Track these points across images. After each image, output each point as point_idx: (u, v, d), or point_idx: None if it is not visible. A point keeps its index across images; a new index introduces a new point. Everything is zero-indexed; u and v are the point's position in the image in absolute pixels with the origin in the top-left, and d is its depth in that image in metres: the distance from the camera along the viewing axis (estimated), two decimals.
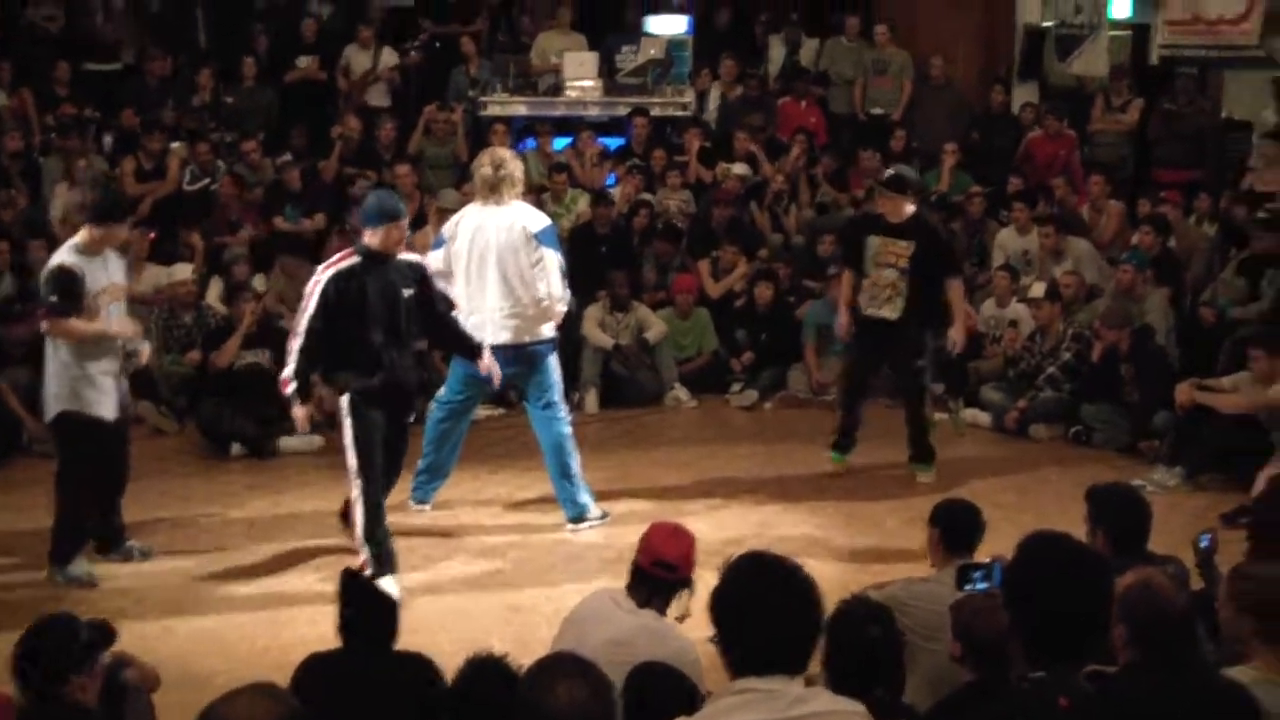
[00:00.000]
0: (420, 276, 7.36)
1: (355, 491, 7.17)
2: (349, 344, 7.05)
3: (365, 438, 7.12)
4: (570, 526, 8.25)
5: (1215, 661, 4.23)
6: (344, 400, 7.11)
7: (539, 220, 8.06)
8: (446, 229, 8.21)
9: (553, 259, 7.95)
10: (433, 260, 7.99)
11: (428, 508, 8.50)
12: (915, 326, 8.96)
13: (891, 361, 9.33)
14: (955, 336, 9.12)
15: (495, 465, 9.52)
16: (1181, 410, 9.11)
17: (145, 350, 7.74)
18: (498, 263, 7.93)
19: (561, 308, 8.11)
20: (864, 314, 8.99)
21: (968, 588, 4.35)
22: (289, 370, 7.07)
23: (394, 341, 7.16)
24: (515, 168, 8.04)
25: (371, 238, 7.14)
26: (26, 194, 12.14)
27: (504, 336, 7.96)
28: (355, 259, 7.10)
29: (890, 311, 8.89)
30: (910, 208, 8.90)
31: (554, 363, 8.24)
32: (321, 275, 7.07)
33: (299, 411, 7.23)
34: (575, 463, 8.27)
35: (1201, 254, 11.52)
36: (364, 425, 7.11)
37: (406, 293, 7.20)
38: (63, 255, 7.32)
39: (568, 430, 8.26)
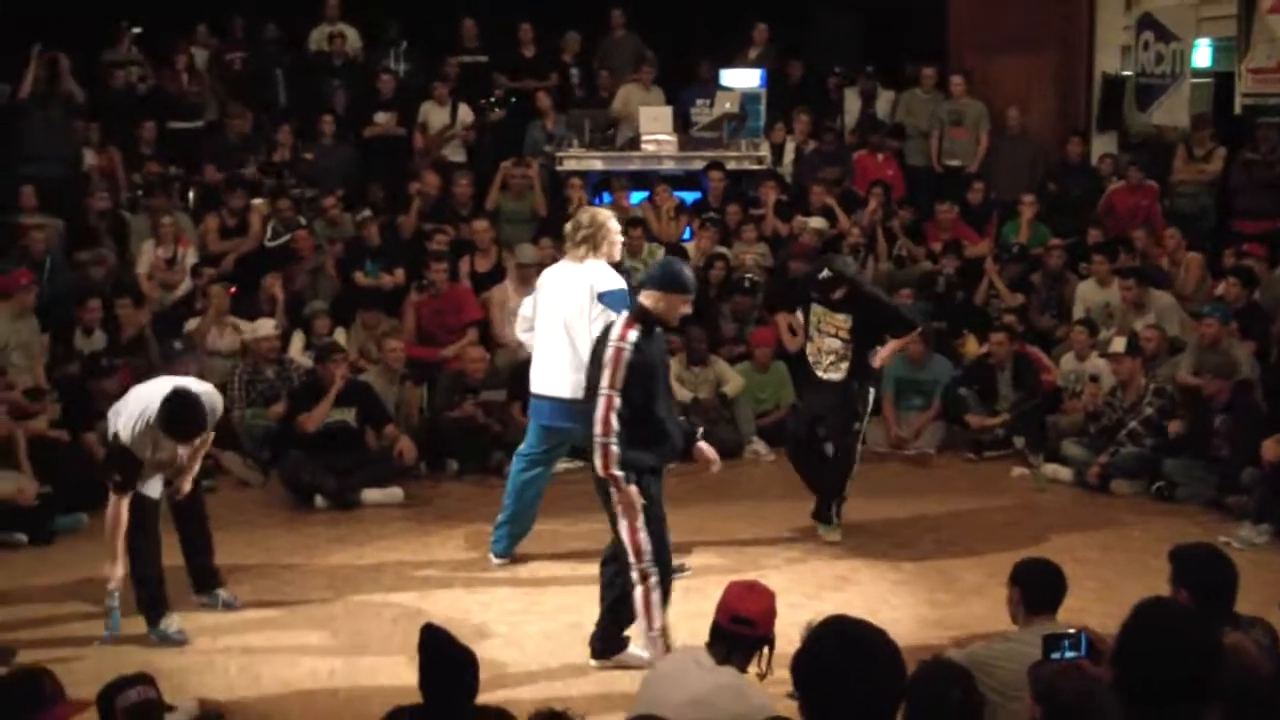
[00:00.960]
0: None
1: (650, 579, 6.60)
2: (642, 416, 6.58)
3: (658, 516, 6.66)
4: None
5: None
6: (626, 476, 6.49)
7: (609, 281, 8.01)
8: (539, 280, 8.35)
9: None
10: (525, 307, 8.22)
11: (507, 561, 8.54)
12: (857, 385, 8.95)
13: (831, 421, 9.16)
14: (882, 353, 9.00)
15: (574, 518, 9.52)
16: (1269, 465, 8.98)
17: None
18: (564, 318, 8.00)
19: None
20: (811, 372, 9.08)
21: (1055, 656, 4.30)
22: (616, 450, 6.45)
23: (669, 414, 6.85)
24: (601, 230, 8.03)
25: (656, 303, 6.63)
26: (115, 252, 12.36)
27: (565, 391, 8.00)
28: (639, 325, 6.57)
29: (835, 374, 8.95)
30: (843, 290, 8.89)
31: None
32: (623, 343, 6.49)
33: (634, 490, 6.52)
34: None
35: None
36: (655, 504, 6.63)
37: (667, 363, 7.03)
38: (130, 428, 7.15)
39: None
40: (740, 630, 5.04)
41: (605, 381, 6.44)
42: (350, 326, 11.77)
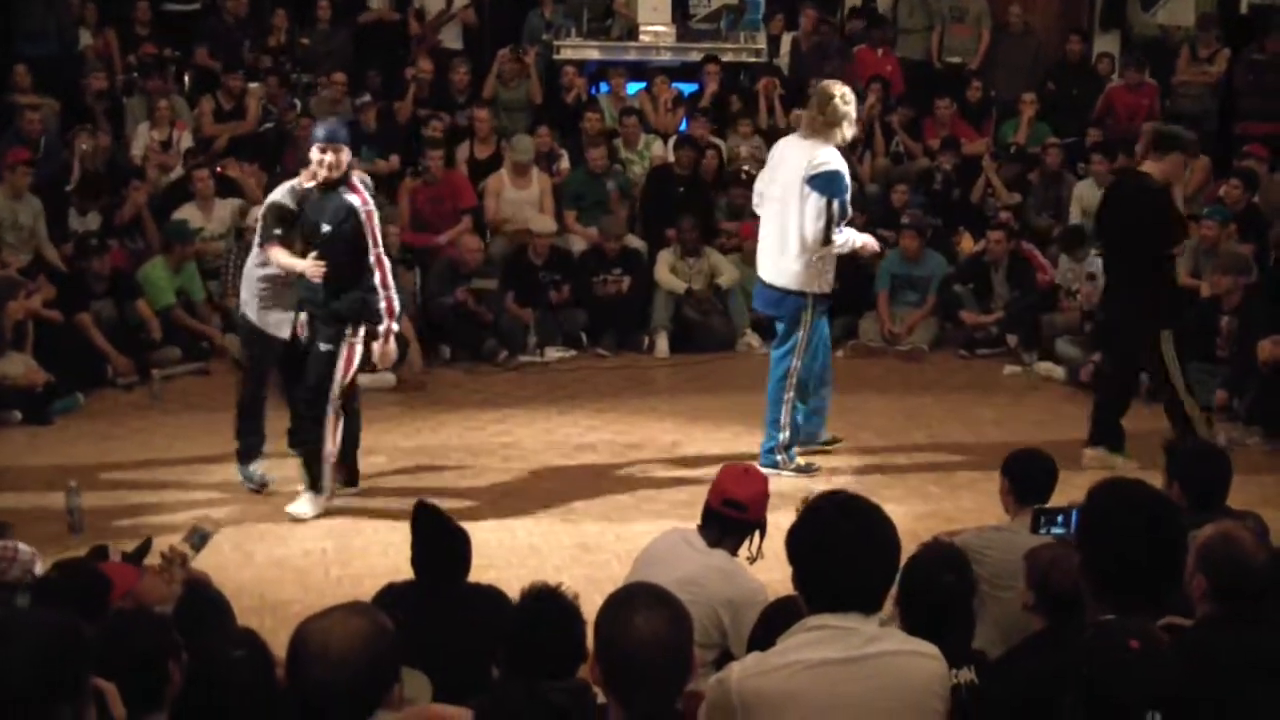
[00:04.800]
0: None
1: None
2: None
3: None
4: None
5: None
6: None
7: (821, 163, 7.82)
8: (772, 153, 8.32)
9: (815, 205, 7.79)
10: (759, 182, 8.27)
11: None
12: None
13: None
14: None
15: (565, 406, 9.60)
16: (1264, 367, 8.96)
17: None
18: (780, 196, 7.97)
19: (823, 251, 7.89)
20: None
21: (1043, 531, 4.33)
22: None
23: None
24: (839, 110, 7.83)
25: None
26: (110, 133, 12.24)
27: (766, 274, 8.10)
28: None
29: None
30: None
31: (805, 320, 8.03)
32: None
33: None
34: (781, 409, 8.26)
35: None
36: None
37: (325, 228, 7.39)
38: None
39: (786, 376, 8.17)
40: (732, 514, 5.05)
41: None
42: None
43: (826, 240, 7.81)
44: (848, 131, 7.96)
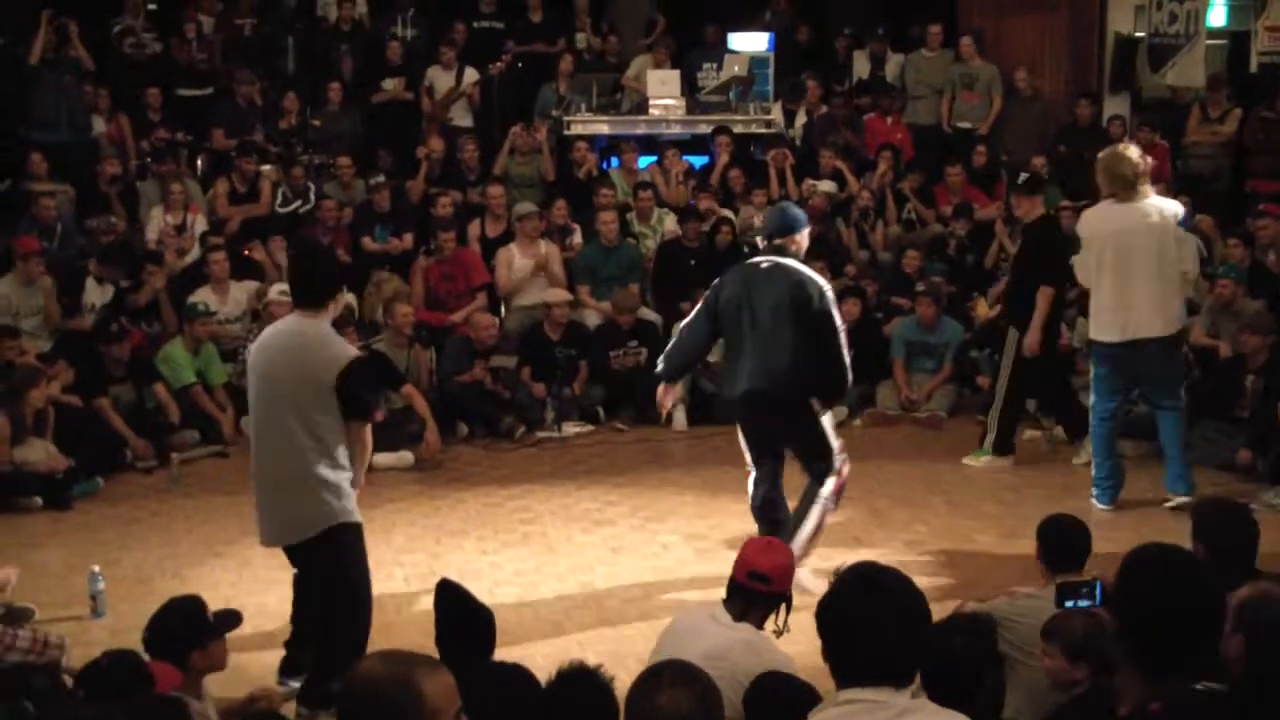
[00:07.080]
0: None
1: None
2: None
3: None
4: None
5: None
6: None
7: (1178, 207, 8.46)
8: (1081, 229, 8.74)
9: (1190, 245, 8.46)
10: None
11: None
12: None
13: None
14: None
15: (584, 481, 9.58)
16: None
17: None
18: (1157, 254, 8.29)
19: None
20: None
21: (1068, 604, 4.28)
22: None
23: None
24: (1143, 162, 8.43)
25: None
26: (125, 217, 12.31)
27: (1151, 329, 8.39)
28: None
29: None
30: None
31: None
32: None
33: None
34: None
35: None
36: None
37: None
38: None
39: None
40: (757, 586, 5.02)
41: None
42: (360, 291, 11.72)
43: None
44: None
